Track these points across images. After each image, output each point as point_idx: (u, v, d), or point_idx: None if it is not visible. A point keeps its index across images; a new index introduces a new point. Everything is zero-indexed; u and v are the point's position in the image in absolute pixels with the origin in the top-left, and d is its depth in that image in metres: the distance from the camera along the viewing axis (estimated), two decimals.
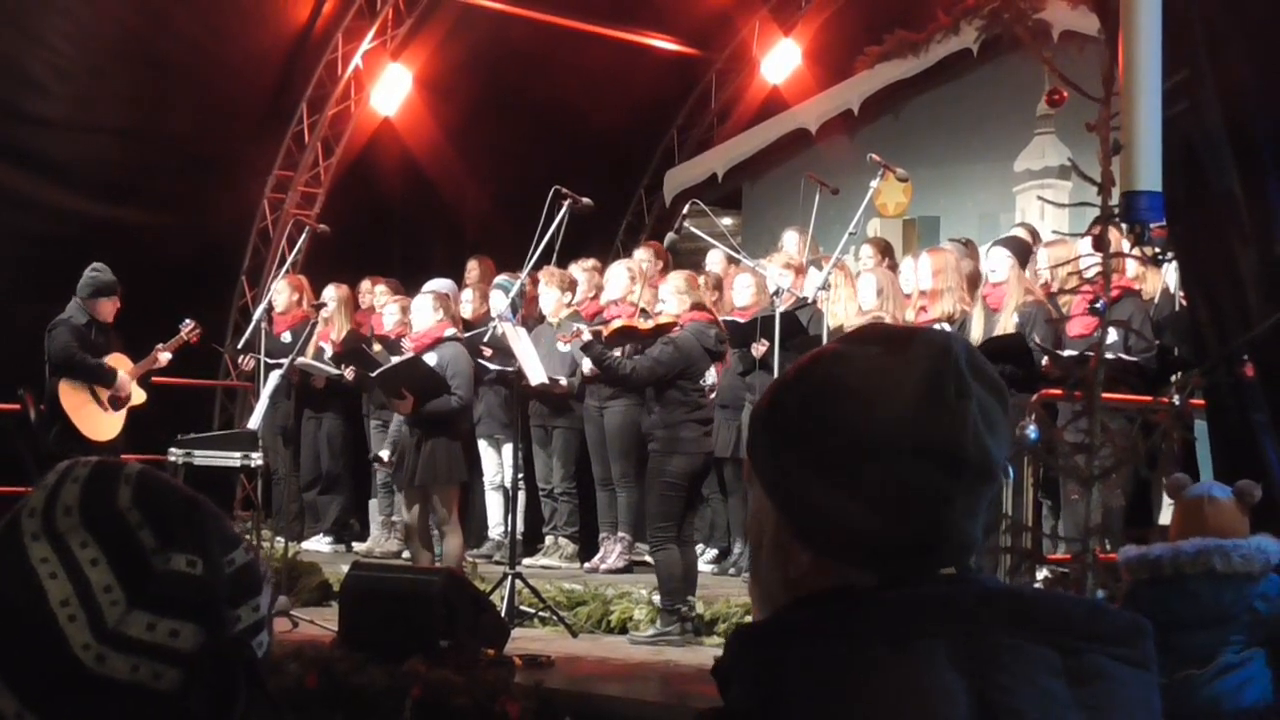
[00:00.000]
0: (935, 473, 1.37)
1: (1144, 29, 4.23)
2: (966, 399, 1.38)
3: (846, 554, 1.40)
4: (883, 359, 1.40)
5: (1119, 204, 4.52)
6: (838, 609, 1.37)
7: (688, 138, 14.68)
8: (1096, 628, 1.40)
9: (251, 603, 1.23)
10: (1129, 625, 1.43)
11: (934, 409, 1.37)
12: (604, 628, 8.20)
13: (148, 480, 1.22)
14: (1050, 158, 11.79)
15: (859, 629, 1.34)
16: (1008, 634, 1.36)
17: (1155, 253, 5.54)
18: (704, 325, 7.92)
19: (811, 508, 1.40)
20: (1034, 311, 8.25)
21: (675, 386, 7.74)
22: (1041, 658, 1.35)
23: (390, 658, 6.68)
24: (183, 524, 1.20)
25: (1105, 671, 1.38)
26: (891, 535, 1.38)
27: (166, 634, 1.18)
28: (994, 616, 1.36)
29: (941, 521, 1.38)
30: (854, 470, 1.37)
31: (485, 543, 10.27)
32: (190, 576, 1.18)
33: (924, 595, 1.37)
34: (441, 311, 8.99)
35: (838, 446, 1.38)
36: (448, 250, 12.25)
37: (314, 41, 12.36)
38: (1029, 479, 6.36)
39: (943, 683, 1.31)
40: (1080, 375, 5.15)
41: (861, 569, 1.39)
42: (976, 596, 1.38)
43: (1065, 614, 1.39)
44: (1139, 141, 4.24)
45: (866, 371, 1.39)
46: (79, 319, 9.53)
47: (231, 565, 1.21)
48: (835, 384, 1.41)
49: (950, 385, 1.38)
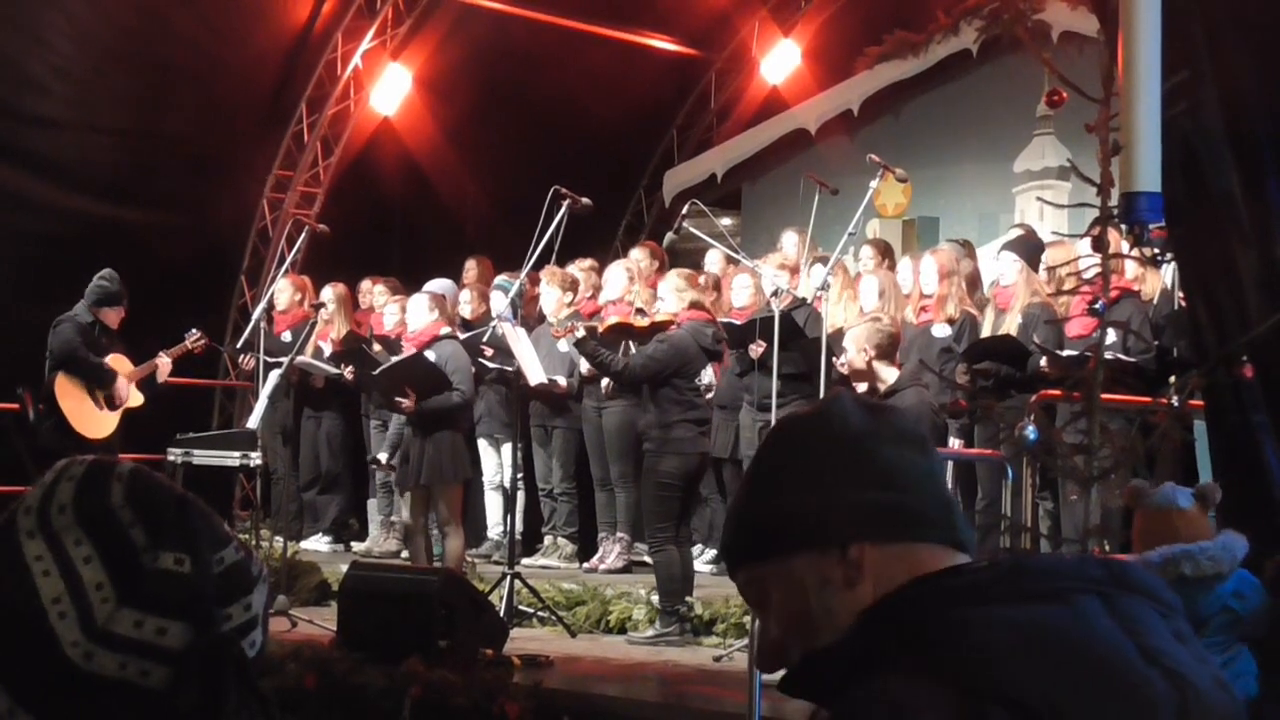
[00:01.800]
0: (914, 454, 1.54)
1: (1143, 29, 4.23)
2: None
3: (897, 530, 1.51)
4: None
5: (1118, 205, 4.51)
6: (971, 579, 1.44)
7: (687, 138, 14.67)
8: (1167, 595, 1.48)
9: (243, 601, 1.23)
10: (1172, 598, 1.51)
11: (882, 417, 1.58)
12: (603, 628, 8.20)
13: (139, 478, 1.22)
14: (1049, 158, 11.79)
15: (1020, 591, 1.41)
16: (1122, 591, 1.44)
17: (1154, 254, 5.54)
18: (701, 324, 7.91)
19: (849, 505, 1.51)
20: (1037, 312, 8.26)
21: (670, 386, 7.71)
22: (1158, 616, 1.44)
23: (389, 658, 6.68)
24: (171, 522, 1.20)
25: (1188, 635, 1.45)
26: (911, 506, 1.51)
27: (154, 632, 1.17)
28: (1106, 576, 1.44)
29: (936, 490, 1.54)
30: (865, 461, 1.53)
31: (484, 543, 10.27)
32: (178, 575, 1.18)
33: (1041, 563, 1.49)
34: (437, 311, 9.02)
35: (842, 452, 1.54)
36: (447, 250, 12.24)
37: (313, 41, 12.37)
38: (1028, 480, 6.36)
39: (1112, 634, 1.39)
40: (1079, 376, 5.15)
41: (918, 541, 1.50)
42: (1081, 562, 1.47)
43: (1152, 583, 1.47)
44: (1138, 142, 4.23)
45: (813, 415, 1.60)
46: (84, 319, 9.56)
47: (221, 564, 1.21)
48: (793, 431, 1.60)
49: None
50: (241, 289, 12.80)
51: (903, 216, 12.78)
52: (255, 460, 8.74)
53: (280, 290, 10.75)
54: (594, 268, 10.48)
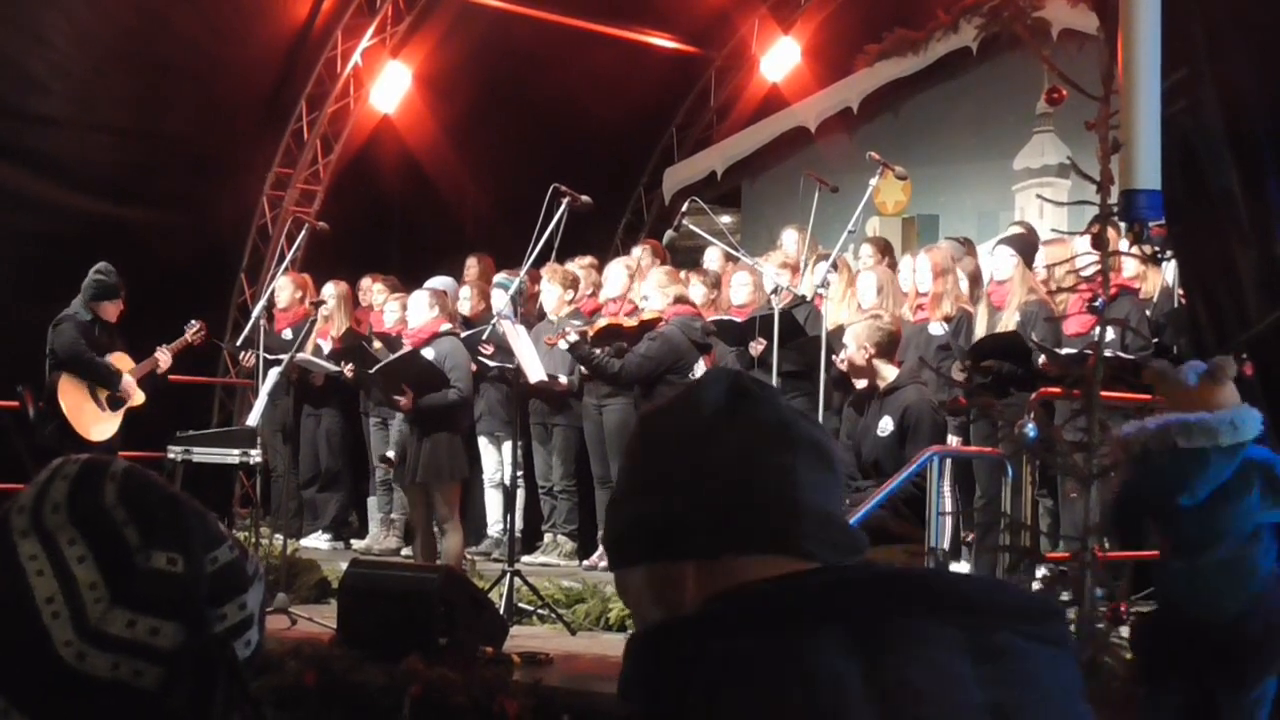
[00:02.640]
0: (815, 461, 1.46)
1: (1143, 27, 4.23)
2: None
3: (711, 544, 1.43)
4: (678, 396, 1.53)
5: (1118, 202, 4.52)
6: (723, 605, 1.37)
7: (687, 136, 14.66)
8: (1003, 606, 1.40)
9: (237, 600, 1.22)
10: (1038, 605, 1.44)
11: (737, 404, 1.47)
12: (603, 625, 8.19)
13: (132, 477, 1.22)
14: (1049, 156, 11.79)
15: (750, 619, 1.35)
16: (906, 614, 1.35)
17: (1154, 251, 5.54)
18: (689, 319, 7.90)
19: (661, 517, 1.44)
20: (1035, 310, 8.26)
21: (664, 382, 7.73)
22: (942, 636, 1.35)
23: (389, 655, 6.68)
24: (164, 522, 1.20)
25: (1015, 649, 1.37)
26: (739, 508, 1.42)
27: (146, 632, 1.17)
28: (891, 597, 1.36)
29: (785, 493, 1.44)
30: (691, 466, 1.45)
31: (484, 540, 10.27)
32: (170, 574, 1.18)
33: (815, 580, 1.38)
34: (438, 308, 9.02)
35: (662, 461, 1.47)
36: (447, 247, 12.24)
37: (313, 39, 12.36)
38: (1028, 477, 6.36)
39: (832, 667, 1.31)
40: (1079, 373, 5.15)
41: (740, 554, 1.42)
42: (873, 578, 1.38)
43: (968, 593, 1.39)
44: (1138, 140, 4.23)
45: (668, 408, 1.52)
46: (83, 316, 9.54)
47: (214, 563, 1.21)
48: (648, 429, 1.53)
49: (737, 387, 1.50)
50: (241, 287, 12.80)
51: (902, 214, 12.78)
52: (255, 458, 8.74)
53: (280, 288, 10.75)
54: (594, 265, 10.48)
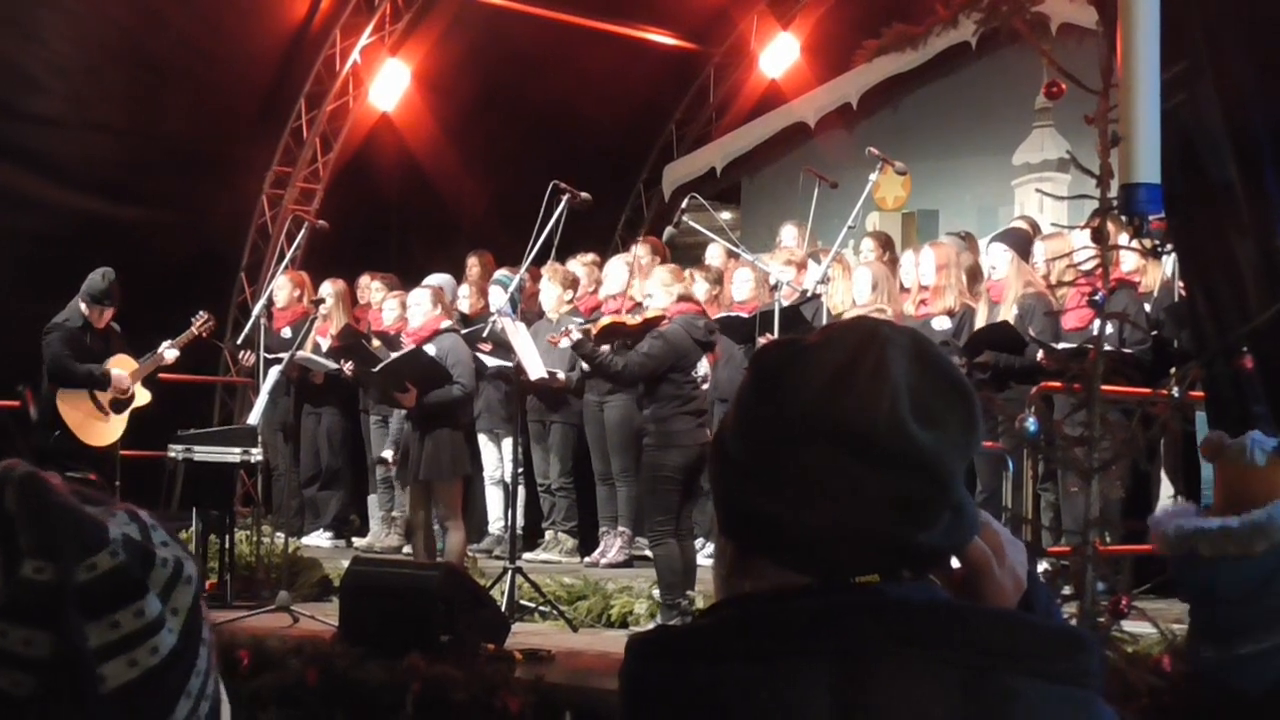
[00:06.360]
0: (841, 456, 1.30)
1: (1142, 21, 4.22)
2: (882, 381, 1.31)
3: (756, 544, 1.36)
4: (810, 347, 1.36)
5: (1118, 196, 4.51)
6: (716, 621, 1.33)
7: (686, 132, 14.67)
8: (1009, 644, 1.30)
9: (132, 608, 1.20)
10: (1056, 639, 1.34)
11: (843, 390, 1.31)
12: (604, 622, 8.19)
13: (26, 483, 1.20)
14: (1049, 150, 11.79)
15: (737, 644, 1.29)
16: (895, 650, 1.28)
17: (1154, 245, 5.54)
18: (692, 317, 7.90)
19: (730, 496, 1.37)
20: (1033, 303, 8.26)
21: (667, 380, 7.72)
22: (930, 675, 1.27)
23: (390, 653, 6.68)
24: (35, 529, 1.18)
25: (1013, 690, 1.28)
26: (798, 523, 1.31)
27: (19, 641, 1.16)
28: (882, 631, 1.29)
29: (848, 511, 1.30)
30: (770, 456, 1.33)
31: (485, 538, 10.28)
32: (36, 583, 1.16)
33: (805, 607, 1.30)
34: (439, 306, 9.04)
35: (760, 435, 1.35)
36: (446, 245, 12.24)
37: (312, 37, 12.36)
38: (1028, 471, 6.37)
39: (805, 703, 1.26)
40: (1079, 368, 5.15)
41: (778, 565, 1.34)
42: (868, 608, 1.30)
43: (973, 629, 1.30)
44: (1137, 134, 4.23)
45: (793, 357, 1.36)
46: (75, 322, 9.53)
47: (92, 570, 1.18)
48: (766, 372, 1.37)
49: (865, 367, 1.32)
50: (241, 285, 12.80)
51: (902, 209, 12.79)
52: (256, 456, 8.74)
53: (280, 286, 10.75)
54: (595, 262, 10.48)
